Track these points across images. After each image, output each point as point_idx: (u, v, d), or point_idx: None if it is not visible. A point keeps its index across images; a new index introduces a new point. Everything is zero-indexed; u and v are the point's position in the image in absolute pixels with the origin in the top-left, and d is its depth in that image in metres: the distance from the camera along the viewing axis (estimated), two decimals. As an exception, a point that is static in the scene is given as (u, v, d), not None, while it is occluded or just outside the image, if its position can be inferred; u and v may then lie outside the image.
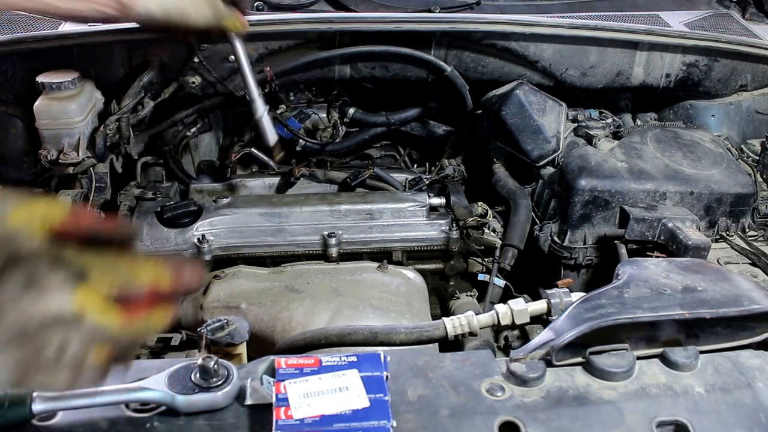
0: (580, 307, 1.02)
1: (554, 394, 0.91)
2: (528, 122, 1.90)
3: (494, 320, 1.23)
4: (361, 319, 1.50)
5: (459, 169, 2.15)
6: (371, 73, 2.06)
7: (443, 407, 0.88)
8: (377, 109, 2.25)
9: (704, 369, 0.97)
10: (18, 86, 1.81)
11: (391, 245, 1.79)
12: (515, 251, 1.79)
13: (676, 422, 0.88)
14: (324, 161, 2.13)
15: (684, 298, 1.04)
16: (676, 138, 1.93)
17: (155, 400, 0.85)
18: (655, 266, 1.16)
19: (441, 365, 0.95)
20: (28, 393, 0.80)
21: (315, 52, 1.97)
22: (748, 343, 1.02)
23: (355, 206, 1.79)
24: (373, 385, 0.84)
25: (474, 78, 2.05)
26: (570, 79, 2.07)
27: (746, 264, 1.65)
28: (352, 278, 1.66)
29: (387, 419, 0.81)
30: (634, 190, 1.72)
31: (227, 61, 1.92)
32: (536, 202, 1.91)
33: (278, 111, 2.11)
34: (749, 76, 2.14)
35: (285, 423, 0.80)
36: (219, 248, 1.73)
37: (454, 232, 1.79)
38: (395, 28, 1.91)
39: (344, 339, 1.19)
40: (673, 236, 1.59)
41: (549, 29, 1.96)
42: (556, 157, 1.88)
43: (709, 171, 1.79)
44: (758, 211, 1.83)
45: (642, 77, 2.08)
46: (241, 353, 1.16)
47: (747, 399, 0.92)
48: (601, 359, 0.95)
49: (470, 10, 2.11)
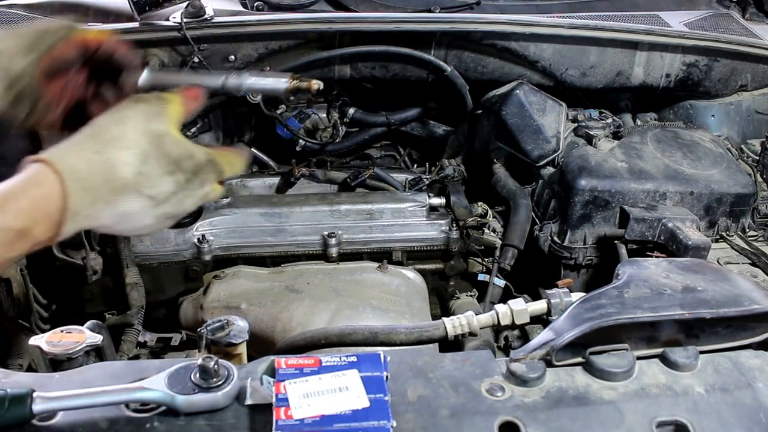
0: (580, 307, 1.02)
1: (554, 394, 0.91)
2: (528, 122, 1.90)
3: (494, 320, 1.23)
4: (361, 319, 1.50)
5: (459, 169, 2.15)
6: (371, 73, 2.06)
7: (443, 407, 0.88)
8: (377, 109, 2.25)
9: (704, 369, 0.96)
10: (18, 86, 1.81)
11: (391, 245, 1.79)
12: (515, 251, 1.79)
13: (676, 422, 0.88)
14: (324, 161, 2.13)
15: (684, 298, 1.04)
16: (676, 138, 1.93)
17: (155, 400, 0.85)
18: (655, 266, 1.16)
19: (441, 365, 0.95)
20: (28, 393, 0.80)
21: (315, 52, 1.97)
22: (748, 343, 1.02)
23: (355, 206, 1.79)
24: (373, 386, 0.84)
25: (474, 78, 2.05)
26: (570, 79, 2.07)
27: (746, 264, 1.65)
28: (352, 278, 1.67)
29: (387, 419, 0.80)
30: (634, 190, 1.72)
31: (227, 60, 1.92)
32: (536, 202, 1.91)
33: (278, 111, 2.11)
34: (749, 76, 2.14)
35: (285, 423, 0.80)
36: (219, 248, 1.73)
37: (454, 232, 1.79)
38: (395, 28, 1.91)
39: (344, 339, 1.19)
40: (673, 236, 1.59)
41: (549, 29, 1.96)
42: (556, 157, 1.88)
43: (709, 171, 1.79)
44: (758, 211, 1.84)
45: (642, 77, 2.08)
46: (241, 353, 1.16)
47: (747, 399, 0.92)
48: (601, 359, 0.95)
49: (470, 10, 2.11)
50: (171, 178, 0.84)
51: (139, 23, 1.81)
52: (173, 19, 1.82)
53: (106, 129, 0.84)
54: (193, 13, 1.82)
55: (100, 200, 0.80)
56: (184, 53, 1.87)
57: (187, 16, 1.81)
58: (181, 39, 1.82)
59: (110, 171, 0.80)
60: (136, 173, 0.82)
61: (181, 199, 0.86)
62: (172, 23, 1.81)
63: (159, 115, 0.86)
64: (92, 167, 0.80)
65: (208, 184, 0.89)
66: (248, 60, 1.93)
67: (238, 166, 0.95)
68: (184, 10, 1.81)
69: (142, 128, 0.84)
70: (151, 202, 0.84)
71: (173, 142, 0.85)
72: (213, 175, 0.89)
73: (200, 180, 0.88)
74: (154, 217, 0.85)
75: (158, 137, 0.84)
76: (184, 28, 1.79)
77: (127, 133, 0.83)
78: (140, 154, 0.82)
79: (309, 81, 0.97)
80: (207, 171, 0.88)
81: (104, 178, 0.80)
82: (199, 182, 0.87)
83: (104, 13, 1.94)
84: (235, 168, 0.94)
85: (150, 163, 0.83)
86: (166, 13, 1.84)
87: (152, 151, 0.83)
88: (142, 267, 1.70)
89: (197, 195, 0.88)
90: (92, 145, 0.81)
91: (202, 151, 0.88)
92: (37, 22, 0.96)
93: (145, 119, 0.85)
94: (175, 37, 1.82)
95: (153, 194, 0.83)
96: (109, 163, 0.81)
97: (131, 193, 0.82)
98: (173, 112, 0.88)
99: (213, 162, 0.89)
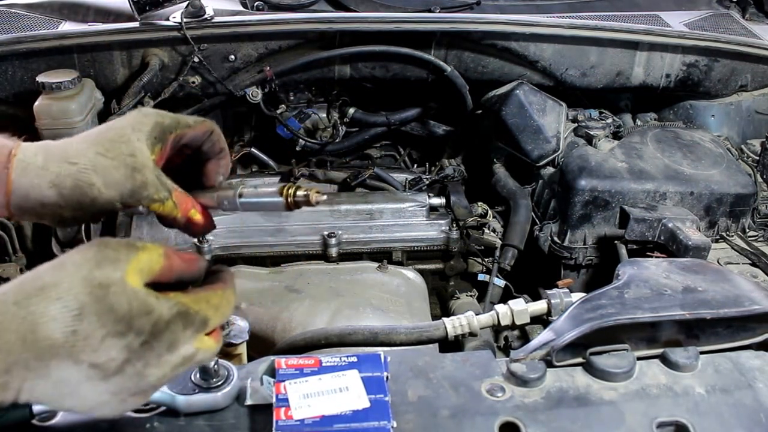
0: (580, 308, 1.02)
1: (554, 395, 0.91)
2: (528, 122, 1.90)
3: (494, 320, 1.23)
4: (361, 319, 1.49)
5: (459, 169, 2.15)
6: (371, 73, 2.06)
7: (443, 408, 0.88)
8: (377, 109, 2.25)
9: (705, 369, 0.96)
10: (18, 86, 1.81)
11: (391, 245, 1.79)
12: (515, 251, 1.79)
13: (676, 423, 0.88)
14: (324, 161, 2.13)
15: (684, 298, 1.04)
16: (676, 138, 1.93)
17: (155, 400, 0.84)
18: (656, 266, 1.16)
19: (441, 365, 0.95)
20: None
21: (315, 52, 1.97)
22: (749, 343, 1.02)
23: (355, 206, 1.79)
24: (374, 386, 0.84)
25: (474, 78, 2.06)
26: (570, 79, 2.07)
27: (746, 264, 1.65)
28: (352, 278, 1.66)
29: (387, 420, 0.80)
30: (634, 190, 1.72)
31: (227, 60, 1.92)
32: (536, 202, 1.91)
33: (278, 111, 2.11)
34: (749, 76, 2.15)
35: (285, 423, 0.80)
36: (219, 248, 1.73)
37: (454, 232, 1.79)
38: (395, 28, 1.91)
39: (344, 339, 1.19)
40: (673, 236, 1.59)
41: (549, 29, 1.96)
42: (556, 157, 1.88)
43: (709, 171, 1.79)
44: (758, 212, 1.83)
45: (642, 77, 2.09)
46: (241, 353, 1.16)
47: (747, 400, 0.92)
48: (601, 360, 0.95)
49: (470, 10, 2.12)
50: (119, 342, 0.63)
51: (139, 23, 1.82)
52: (173, 19, 1.82)
53: (38, 276, 0.65)
54: (193, 13, 1.82)
55: (18, 365, 0.61)
56: (184, 53, 1.88)
57: (187, 16, 1.81)
58: (181, 39, 1.82)
59: (31, 328, 0.61)
60: (68, 332, 0.62)
61: (139, 369, 0.65)
62: (172, 23, 1.82)
63: (113, 262, 0.65)
64: (5, 323, 0.61)
65: (183, 345, 0.67)
66: (248, 60, 1.94)
67: (227, 307, 0.74)
68: (184, 10, 1.81)
69: (83, 275, 0.64)
70: (96, 372, 0.64)
71: (122, 294, 0.64)
72: (188, 331, 0.68)
73: (166, 343, 0.66)
74: (108, 393, 0.65)
75: (102, 287, 0.63)
76: (184, 28, 1.80)
77: (63, 280, 0.64)
78: (74, 308, 0.62)
79: (310, 192, 0.78)
80: (175, 329, 0.66)
81: (22, 337, 0.61)
82: (164, 346, 0.66)
83: (104, 13, 1.95)
84: (224, 310, 0.73)
85: (87, 319, 0.62)
86: (166, 13, 1.85)
87: (91, 304, 0.63)
88: (142, 267, 1.70)
89: (166, 363, 0.66)
90: (14, 295, 0.63)
91: (166, 304, 0.66)
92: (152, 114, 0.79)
93: (93, 265, 0.65)
94: (175, 37, 1.82)
95: (97, 362, 0.63)
96: (30, 317, 0.61)
97: (63, 358, 0.62)
98: (143, 259, 0.67)
99: (185, 315, 0.67)
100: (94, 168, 0.74)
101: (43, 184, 0.75)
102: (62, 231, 1.70)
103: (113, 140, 0.75)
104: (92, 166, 0.74)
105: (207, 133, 0.81)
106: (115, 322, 0.63)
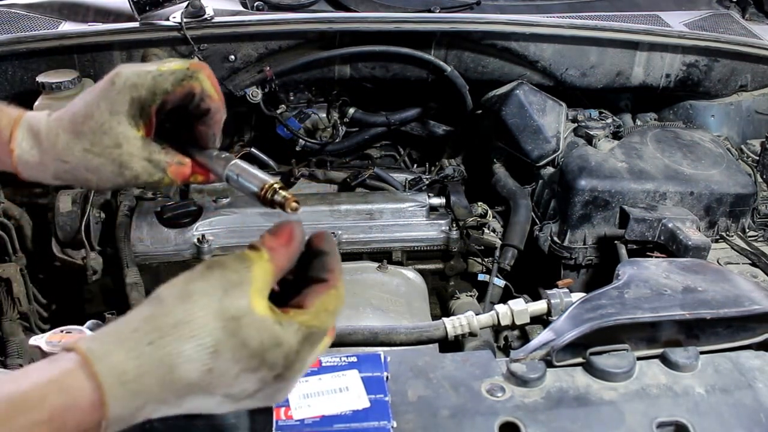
0: (580, 308, 1.02)
1: (554, 395, 0.91)
2: (528, 122, 1.90)
3: (494, 320, 1.23)
4: (361, 319, 1.49)
5: (459, 169, 2.15)
6: (371, 73, 2.06)
7: (443, 408, 0.88)
8: (377, 109, 2.25)
9: (704, 369, 0.96)
10: (18, 86, 1.81)
11: (391, 245, 1.79)
12: (515, 251, 1.79)
13: (676, 423, 0.88)
14: (324, 161, 2.13)
15: (684, 298, 1.04)
16: (676, 138, 1.93)
17: (155, 401, 0.84)
18: (656, 266, 1.16)
19: (441, 366, 0.95)
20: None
21: (315, 52, 1.97)
22: (749, 343, 1.02)
23: (355, 206, 1.79)
24: (374, 386, 0.84)
25: (474, 78, 2.05)
26: (570, 79, 2.07)
27: (746, 264, 1.64)
28: (352, 278, 1.66)
29: (387, 420, 0.80)
30: (634, 190, 1.72)
31: (227, 60, 1.92)
32: (536, 202, 1.91)
33: (278, 111, 2.11)
34: (749, 77, 2.14)
35: (285, 423, 0.80)
36: (219, 248, 1.73)
37: (454, 232, 1.79)
38: (395, 28, 1.91)
39: (344, 339, 1.19)
40: (673, 236, 1.59)
41: (549, 29, 1.96)
42: (556, 157, 1.88)
43: (709, 171, 1.79)
44: (758, 212, 1.83)
45: (642, 77, 2.08)
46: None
47: (747, 399, 0.92)
48: (601, 360, 0.95)
49: (470, 10, 2.11)
50: (253, 376, 0.64)
51: (139, 23, 1.81)
52: (173, 19, 1.82)
53: (168, 310, 0.63)
54: (193, 13, 1.82)
55: (155, 400, 0.62)
56: (184, 53, 1.87)
57: (187, 16, 1.81)
58: (181, 39, 1.82)
59: (168, 371, 0.61)
60: (204, 371, 0.62)
61: (270, 394, 0.67)
62: (172, 23, 1.82)
63: (238, 287, 0.64)
64: (143, 366, 0.60)
65: (310, 357, 0.68)
66: (248, 60, 1.94)
67: (341, 304, 0.73)
68: (184, 10, 1.81)
69: (215, 308, 0.63)
70: (228, 400, 0.65)
71: (254, 327, 0.63)
72: (315, 348, 0.68)
73: (298, 370, 0.67)
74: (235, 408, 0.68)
75: (235, 320, 0.63)
76: (184, 28, 1.80)
77: (195, 315, 0.63)
78: (209, 346, 0.62)
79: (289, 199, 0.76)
80: (304, 355, 0.66)
81: (160, 380, 0.61)
82: (296, 373, 0.67)
83: (104, 13, 1.95)
84: (339, 309, 0.72)
85: (223, 356, 0.62)
86: (166, 13, 1.84)
87: (226, 340, 0.62)
88: (142, 267, 1.70)
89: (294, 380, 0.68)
90: (146, 335, 0.62)
91: (291, 330, 0.65)
92: (155, 66, 0.77)
93: (221, 294, 0.63)
94: (176, 37, 1.82)
95: (231, 393, 0.65)
96: (167, 359, 0.61)
97: (199, 393, 0.63)
98: (258, 277, 0.66)
99: (311, 336, 0.67)
100: (85, 167, 0.75)
101: (47, 177, 0.78)
102: (62, 231, 1.70)
103: (95, 131, 0.74)
104: (83, 165, 0.75)
105: (189, 95, 0.77)
106: (249, 358, 0.63)
